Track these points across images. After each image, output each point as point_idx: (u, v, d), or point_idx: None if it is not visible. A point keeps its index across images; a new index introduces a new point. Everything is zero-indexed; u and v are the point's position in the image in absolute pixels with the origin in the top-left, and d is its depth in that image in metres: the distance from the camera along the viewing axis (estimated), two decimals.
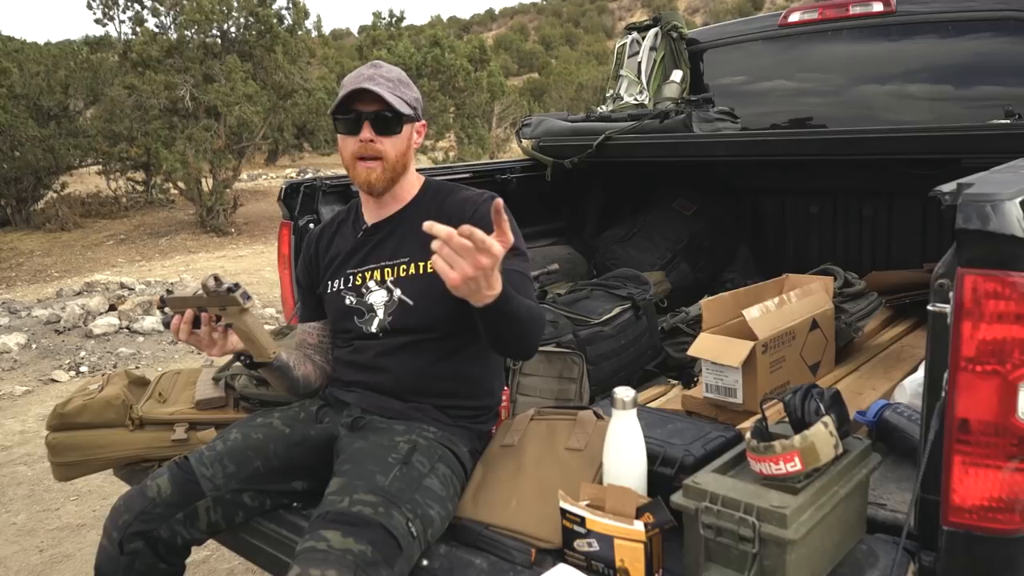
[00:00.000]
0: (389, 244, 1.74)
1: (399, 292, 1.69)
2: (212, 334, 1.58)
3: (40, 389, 4.83)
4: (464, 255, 1.26)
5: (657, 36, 3.53)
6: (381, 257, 1.74)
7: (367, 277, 1.74)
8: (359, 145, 1.66)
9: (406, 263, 1.70)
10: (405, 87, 1.70)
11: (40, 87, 11.25)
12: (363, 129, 1.65)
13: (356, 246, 1.78)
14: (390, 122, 1.66)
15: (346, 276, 1.77)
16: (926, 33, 2.96)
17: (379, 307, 1.71)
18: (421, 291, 1.67)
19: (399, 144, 1.68)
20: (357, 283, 1.75)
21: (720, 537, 1.24)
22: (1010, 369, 1.17)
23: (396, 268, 1.71)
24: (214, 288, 1.52)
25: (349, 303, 1.75)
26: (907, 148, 2.30)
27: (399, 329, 1.69)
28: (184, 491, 1.61)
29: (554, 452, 1.59)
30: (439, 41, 14.66)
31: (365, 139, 1.65)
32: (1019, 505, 1.21)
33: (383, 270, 1.72)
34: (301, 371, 1.77)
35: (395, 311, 1.69)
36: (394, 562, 1.37)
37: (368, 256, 1.76)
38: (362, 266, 1.75)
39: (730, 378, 1.94)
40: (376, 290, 1.72)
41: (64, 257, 9.80)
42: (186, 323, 1.56)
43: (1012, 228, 1.15)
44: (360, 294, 1.74)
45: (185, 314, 1.57)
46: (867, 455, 1.39)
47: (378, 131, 1.65)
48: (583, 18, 69.40)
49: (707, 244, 3.29)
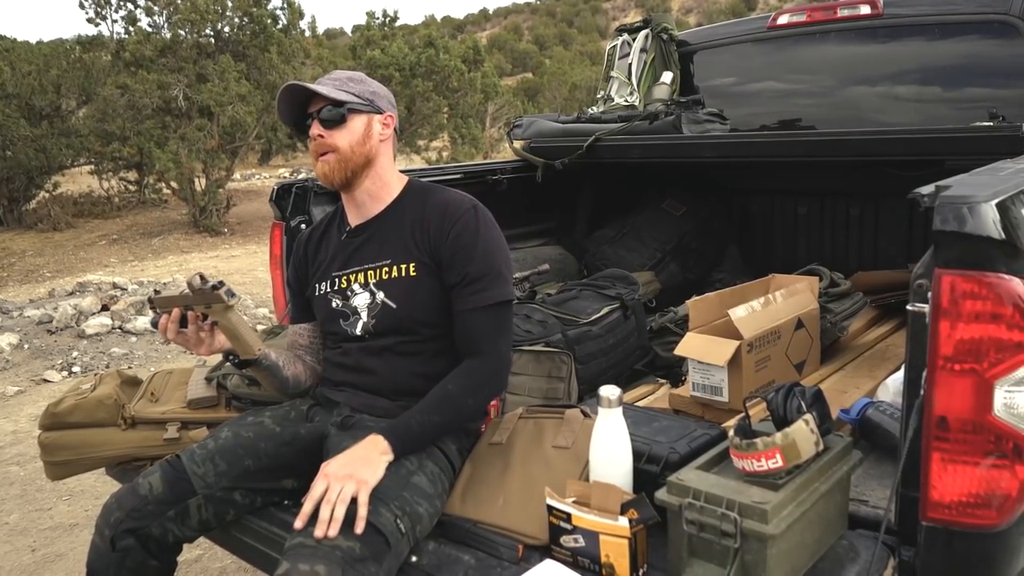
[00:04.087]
0: (372, 246, 1.75)
1: (382, 295, 1.71)
2: (199, 333, 1.60)
3: (32, 389, 4.82)
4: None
5: (647, 38, 3.55)
6: (364, 260, 1.75)
7: (352, 280, 1.75)
8: (315, 144, 1.69)
9: (388, 265, 1.71)
10: (356, 83, 1.72)
11: (32, 86, 11.20)
12: (313, 127, 1.69)
13: (340, 248, 1.80)
14: (334, 115, 1.68)
15: (332, 279, 1.78)
16: (913, 35, 2.99)
17: (363, 310, 1.73)
18: (403, 294, 1.69)
19: (350, 136, 1.69)
20: (342, 286, 1.76)
21: (703, 532, 1.26)
22: (986, 368, 1.20)
23: (379, 271, 1.72)
24: (199, 286, 1.54)
25: (335, 306, 1.76)
26: (891, 150, 2.33)
27: (382, 331, 1.71)
28: (175, 489, 1.63)
29: (541, 450, 1.61)
30: (433, 41, 14.64)
31: (314, 135, 1.68)
32: (996, 500, 1.23)
33: (366, 272, 1.73)
34: (291, 371, 1.79)
35: (378, 314, 1.71)
36: (382, 558, 1.39)
37: (352, 258, 1.77)
38: (346, 269, 1.77)
39: (716, 377, 1.97)
40: (360, 293, 1.73)
41: (56, 257, 9.77)
42: (173, 322, 1.59)
43: (988, 230, 1.17)
44: (345, 297, 1.75)
45: (172, 313, 1.59)
46: (848, 452, 1.42)
47: (325, 126, 1.68)
48: (577, 18, 69.43)
49: (696, 244, 3.31)
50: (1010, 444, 1.21)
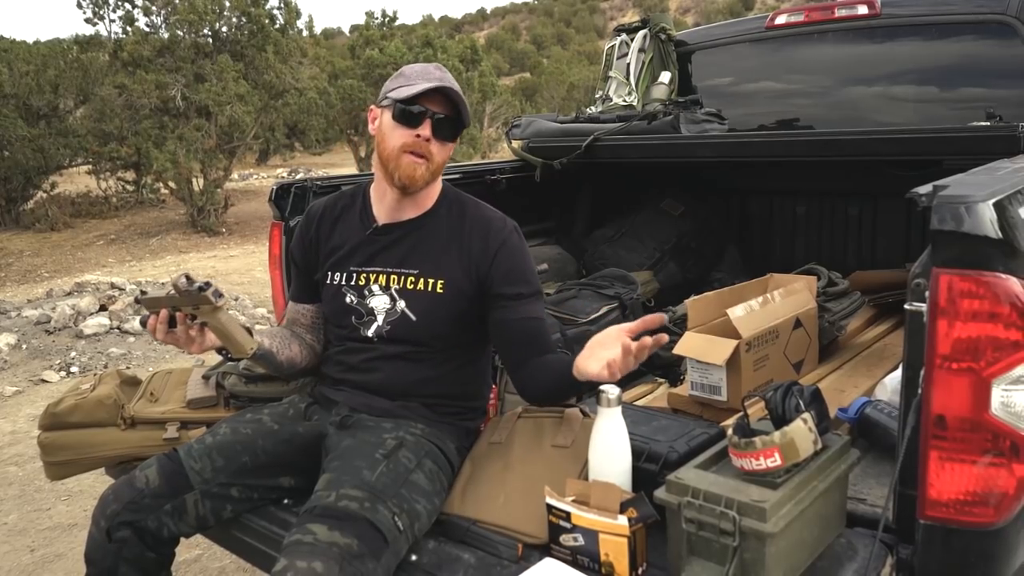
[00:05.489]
0: (399, 250, 1.71)
1: (403, 304, 1.67)
2: (189, 331, 1.55)
3: (30, 389, 4.82)
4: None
5: (646, 38, 3.56)
6: (389, 262, 1.70)
7: (371, 279, 1.71)
8: (414, 140, 1.61)
9: (415, 276, 1.68)
10: (464, 99, 1.68)
11: (29, 86, 11.18)
12: (423, 126, 1.61)
13: (363, 242, 1.74)
14: (451, 128, 1.65)
15: (349, 272, 1.73)
16: (910, 36, 2.99)
17: (380, 313, 1.69)
18: (426, 309, 1.66)
19: (447, 152, 1.68)
20: (360, 283, 1.72)
21: (702, 531, 1.26)
22: (984, 366, 1.20)
23: (404, 278, 1.68)
24: (185, 287, 1.49)
25: (349, 301, 1.73)
26: (889, 150, 2.33)
27: (396, 339, 1.68)
28: (172, 482, 1.63)
29: (541, 449, 1.62)
30: (431, 41, 14.67)
31: (424, 136, 1.61)
32: (993, 499, 1.24)
33: (389, 276, 1.69)
34: (285, 355, 1.75)
35: (396, 321, 1.68)
36: (380, 555, 1.39)
37: (375, 257, 1.72)
38: (367, 266, 1.72)
39: (715, 376, 1.97)
40: (379, 295, 1.70)
41: (54, 257, 9.75)
42: (162, 323, 1.54)
43: (985, 229, 1.18)
44: (362, 295, 1.71)
45: (160, 314, 1.55)
46: (846, 451, 1.42)
47: (437, 134, 1.63)
48: (575, 18, 69.45)
49: (695, 244, 3.32)
50: (1007, 442, 1.22)
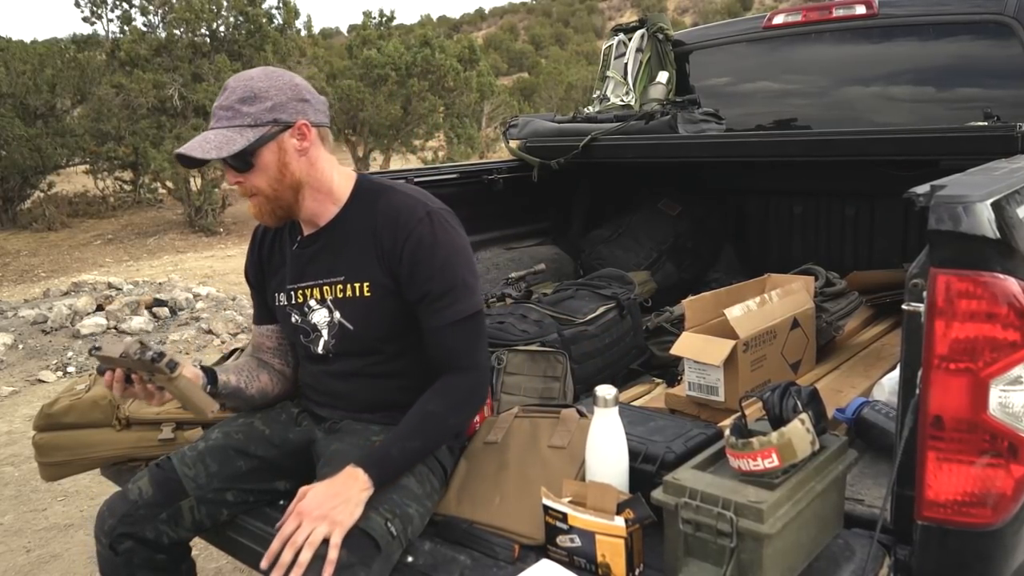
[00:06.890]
0: (324, 259, 1.62)
1: (338, 314, 1.61)
2: (147, 387, 1.51)
3: (27, 389, 4.81)
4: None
5: (643, 37, 3.55)
6: (319, 274, 1.63)
7: (308, 295, 1.64)
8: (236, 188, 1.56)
9: (342, 283, 1.60)
10: (251, 103, 1.48)
11: (27, 86, 11.16)
12: (227, 174, 1.55)
13: (292, 258, 1.67)
14: (239, 163, 1.50)
15: (287, 292, 1.67)
16: (908, 36, 2.99)
17: (323, 327, 1.64)
18: (360, 315, 1.59)
19: (265, 175, 1.51)
20: (299, 300, 1.66)
21: (699, 532, 1.26)
22: (981, 367, 1.20)
23: (333, 287, 1.61)
24: (137, 356, 1.43)
25: (295, 321, 1.67)
26: (886, 150, 2.33)
27: (344, 352, 1.63)
28: (165, 490, 1.62)
29: (537, 450, 1.61)
30: (429, 41, 14.64)
31: (232, 183, 1.55)
32: (991, 499, 1.24)
33: (321, 288, 1.62)
34: (256, 387, 1.72)
35: (337, 334, 1.62)
36: (371, 562, 1.38)
37: (305, 272, 1.65)
38: (300, 282, 1.65)
39: (712, 376, 1.97)
40: (318, 309, 1.63)
41: (51, 257, 9.74)
42: (118, 381, 1.51)
43: (983, 229, 1.17)
44: (303, 313, 1.66)
45: (116, 372, 1.51)
46: (844, 451, 1.42)
47: (237, 172, 1.52)
48: (573, 18, 69.42)
49: (692, 244, 3.32)
50: (1005, 443, 1.22)
